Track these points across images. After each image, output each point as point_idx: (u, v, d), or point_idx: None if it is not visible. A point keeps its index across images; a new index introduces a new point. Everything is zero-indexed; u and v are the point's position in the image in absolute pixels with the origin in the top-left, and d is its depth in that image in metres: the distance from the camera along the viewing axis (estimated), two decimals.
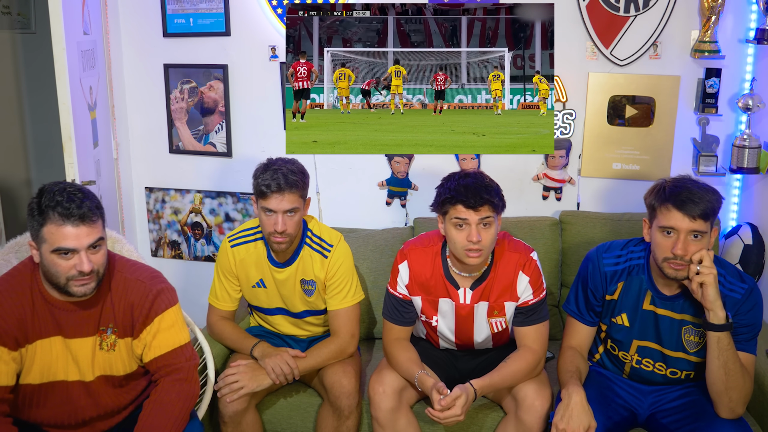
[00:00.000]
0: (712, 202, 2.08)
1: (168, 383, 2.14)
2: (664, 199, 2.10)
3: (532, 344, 2.39)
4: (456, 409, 2.21)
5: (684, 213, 2.06)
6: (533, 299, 2.39)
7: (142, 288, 2.13)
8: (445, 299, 2.43)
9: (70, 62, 2.74)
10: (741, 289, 2.16)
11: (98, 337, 2.10)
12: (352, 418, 2.51)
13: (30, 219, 1.97)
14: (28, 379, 2.06)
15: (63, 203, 1.92)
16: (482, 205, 2.25)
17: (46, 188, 1.98)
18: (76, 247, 1.94)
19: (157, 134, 3.48)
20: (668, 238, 2.10)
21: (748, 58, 2.98)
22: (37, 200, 1.96)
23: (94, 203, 1.98)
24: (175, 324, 2.17)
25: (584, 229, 3.01)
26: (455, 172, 2.38)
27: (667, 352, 2.26)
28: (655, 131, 3.08)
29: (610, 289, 2.27)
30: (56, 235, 1.92)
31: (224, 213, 3.49)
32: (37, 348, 2.05)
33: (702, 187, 2.11)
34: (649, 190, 2.19)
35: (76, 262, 1.95)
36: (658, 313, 2.23)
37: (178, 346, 2.17)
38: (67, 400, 2.10)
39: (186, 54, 3.34)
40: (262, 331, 2.77)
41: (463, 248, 2.28)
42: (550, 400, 2.35)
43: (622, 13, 2.99)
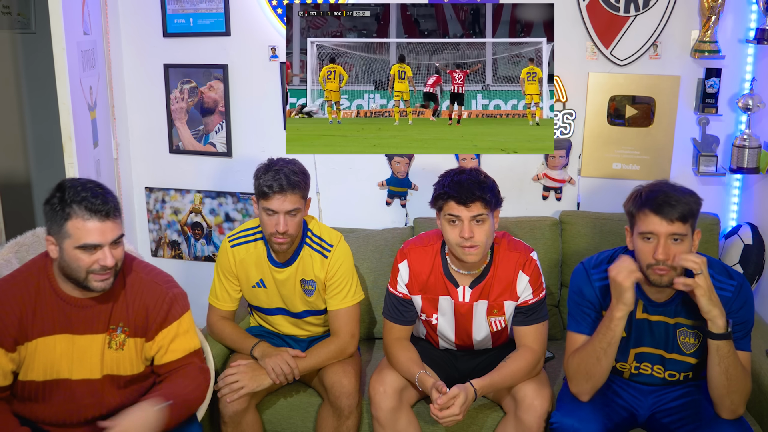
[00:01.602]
0: (690, 204, 2.06)
1: (190, 367, 2.19)
2: (641, 205, 2.09)
3: (531, 344, 2.40)
4: (454, 408, 2.21)
5: (661, 216, 2.04)
6: (533, 299, 2.39)
7: (158, 291, 2.15)
8: (444, 297, 2.44)
9: (70, 62, 2.74)
10: (731, 287, 2.15)
11: (107, 335, 2.10)
12: (353, 418, 2.50)
13: (51, 214, 1.97)
14: (31, 376, 2.06)
15: (89, 198, 1.94)
16: (473, 202, 2.25)
17: (67, 184, 1.99)
18: (101, 242, 1.96)
19: (157, 134, 3.48)
20: (649, 244, 2.08)
21: (748, 58, 2.98)
22: (59, 195, 1.96)
23: (115, 200, 2.02)
24: (190, 329, 2.21)
25: (584, 229, 3.01)
26: (452, 169, 2.39)
27: (664, 354, 2.25)
28: (655, 131, 3.08)
29: (606, 305, 2.25)
30: (82, 230, 1.94)
31: (224, 213, 3.49)
32: (38, 345, 2.05)
33: (679, 190, 2.09)
34: (627, 198, 2.18)
35: (99, 257, 1.97)
36: (652, 320, 2.22)
37: (194, 349, 2.22)
38: (71, 398, 2.10)
39: (186, 54, 3.34)
40: (262, 331, 2.77)
41: (457, 244, 2.30)
42: (550, 399, 2.35)
43: (622, 13, 2.99)
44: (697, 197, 2.11)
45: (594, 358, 2.17)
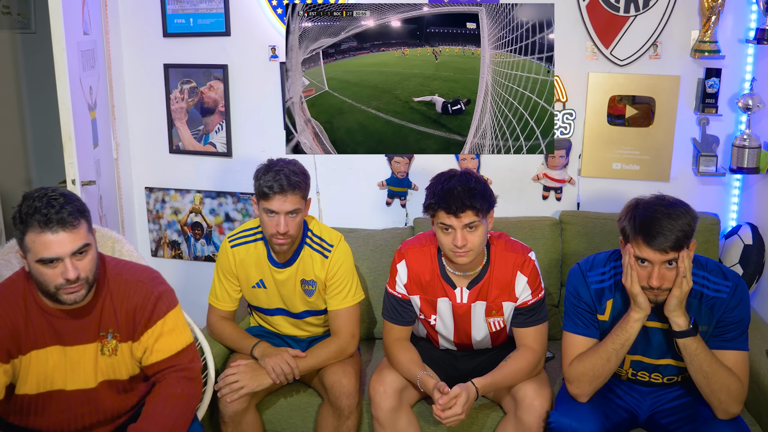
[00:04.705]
0: (684, 229, 2.02)
1: (174, 379, 2.10)
2: (635, 232, 2.06)
3: (532, 344, 2.39)
4: (457, 407, 2.21)
5: (655, 249, 2.03)
6: (532, 299, 2.39)
7: (143, 290, 2.08)
8: (442, 299, 2.44)
9: (70, 62, 2.74)
10: (726, 288, 2.15)
11: (99, 343, 2.06)
12: (353, 418, 2.50)
13: (14, 227, 1.90)
14: (24, 389, 2.02)
15: (41, 210, 1.83)
16: (464, 211, 2.22)
17: (27, 195, 1.89)
18: (59, 255, 1.85)
19: (157, 134, 3.48)
20: (643, 268, 2.08)
21: (748, 58, 2.98)
22: (18, 208, 1.88)
23: (75, 207, 1.89)
24: (176, 326, 2.13)
25: (584, 229, 3.01)
26: (442, 174, 2.34)
27: (658, 361, 2.25)
28: (655, 131, 3.08)
29: (600, 309, 2.25)
30: (37, 243, 1.84)
31: (224, 213, 3.49)
32: (32, 359, 2.00)
33: (675, 213, 2.04)
34: (622, 213, 2.14)
35: (62, 270, 1.87)
36: (647, 326, 2.21)
37: (181, 348, 2.13)
38: (66, 408, 2.06)
39: (186, 54, 3.34)
40: (262, 331, 2.77)
41: (450, 250, 2.29)
42: (550, 399, 2.35)
43: (622, 13, 2.99)
44: (693, 215, 2.06)
45: (604, 359, 2.17)
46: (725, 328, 2.15)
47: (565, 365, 2.27)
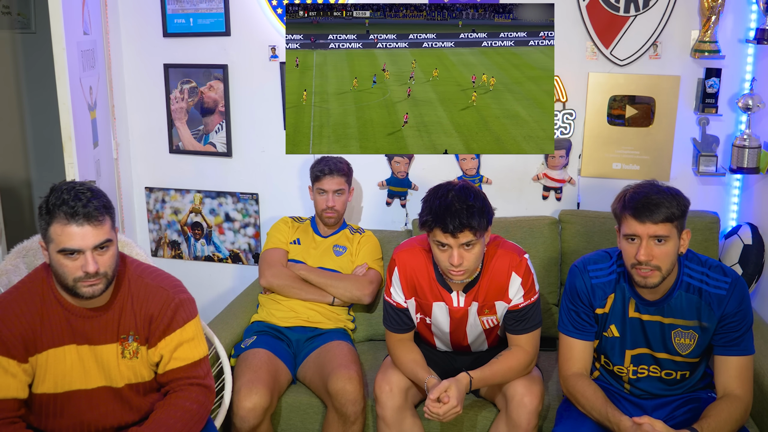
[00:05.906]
0: (672, 207, 2.04)
1: (190, 392, 2.08)
2: (624, 208, 2.10)
3: (524, 346, 2.40)
4: (452, 400, 2.20)
5: (642, 219, 2.05)
6: (524, 302, 2.37)
7: (164, 296, 2.08)
8: (438, 303, 2.42)
9: (70, 62, 2.74)
10: (725, 284, 2.14)
11: (120, 345, 2.05)
12: (358, 423, 2.52)
13: (39, 218, 1.93)
14: (42, 389, 2.01)
15: (69, 202, 1.88)
16: (462, 231, 2.18)
17: (55, 187, 1.94)
18: (81, 248, 1.89)
19: (157, 134, 3.48)
20: (632, 245, 2.09)
21: (748, 58, 2.98)
22: (45, 199, 1.92)
23: (101, 203, 1.93)
24: (196, 336, 2.12)
25: (583, 228, 3.01)
26: (440, 187, 2.27)
27: (657, 354, 2.25)
28: (655, 131, 3.08)
29: (601, 303, 2.25)
30: (61, 235, 1.88)
31: (224, 213, 3.49)
32: (49, 357, 2.00)
33: (663, 191, 2.07)
34: (615, 199, 2.17)
35: (83, 263, 1.90)
36: (644, 319, 2.22)
37: (199, 358, 2.13)
38: (87, 408, 2.04)
39: (186, 54, 3.35)
40: (263, 327, 2.83)
41: (446, 268, 2.27)
42: (540, 396, 2.35)
43: (622, 13, 2.99)
44: (683, 198, 2.09)
45: (588, 411, 2.21)
46: (728, 326, 2.14)
47: (561, 365, 2.30)
